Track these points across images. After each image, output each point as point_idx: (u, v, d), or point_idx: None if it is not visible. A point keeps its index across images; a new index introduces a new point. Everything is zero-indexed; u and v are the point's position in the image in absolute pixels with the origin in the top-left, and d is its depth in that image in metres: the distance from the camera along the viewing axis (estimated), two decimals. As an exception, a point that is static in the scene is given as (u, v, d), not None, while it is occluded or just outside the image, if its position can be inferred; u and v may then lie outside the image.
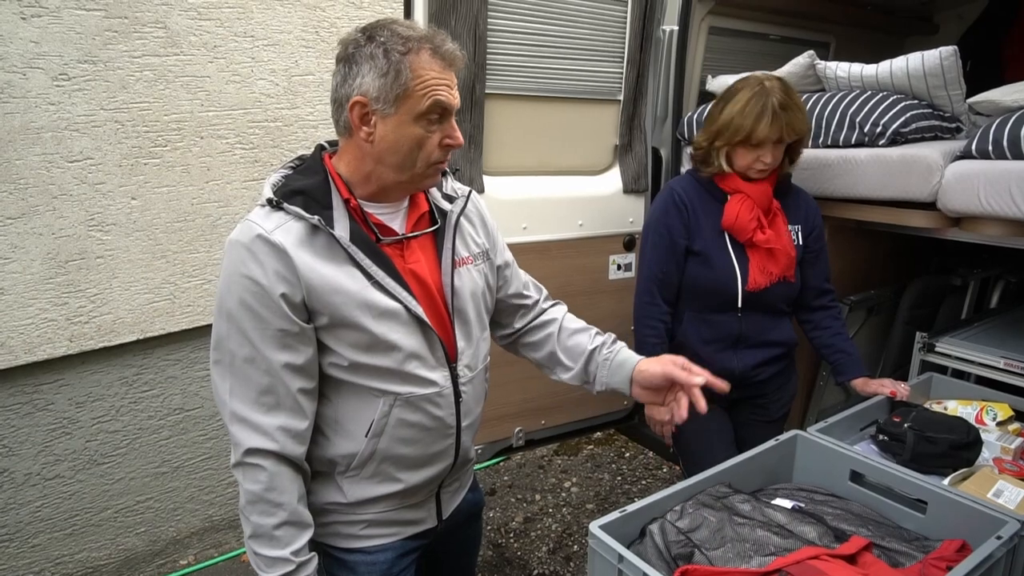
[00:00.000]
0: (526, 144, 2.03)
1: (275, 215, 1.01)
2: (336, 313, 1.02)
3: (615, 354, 1.25)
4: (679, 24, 2.10)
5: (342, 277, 1.02)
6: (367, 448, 1.09)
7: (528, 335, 1.34)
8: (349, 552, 1.17)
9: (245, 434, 1.02)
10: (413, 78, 0.99)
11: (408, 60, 0.98)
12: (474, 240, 1.21)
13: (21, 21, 1.96)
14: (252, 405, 1.02)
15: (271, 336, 1.00)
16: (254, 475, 1.02)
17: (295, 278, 0.99)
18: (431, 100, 1.00)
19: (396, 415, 1.08)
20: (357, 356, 1.05)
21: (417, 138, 1.02)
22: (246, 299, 0.99)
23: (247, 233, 0.99)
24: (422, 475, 1.16)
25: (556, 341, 1.30)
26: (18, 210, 2.05)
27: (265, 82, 2.43)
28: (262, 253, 0.98)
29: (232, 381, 1.02)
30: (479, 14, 1.79)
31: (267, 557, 1.03)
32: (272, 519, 1.02)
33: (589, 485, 3.09)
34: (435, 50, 1.00)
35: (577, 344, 1.28)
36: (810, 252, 1.73)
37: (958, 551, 1.09)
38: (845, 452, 1.34)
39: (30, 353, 2.14)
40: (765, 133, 1.53)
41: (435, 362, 1.11)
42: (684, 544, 1.10)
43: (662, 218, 1.69)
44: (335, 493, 1.13)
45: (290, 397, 1.03)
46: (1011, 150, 1.54)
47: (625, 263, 2.23)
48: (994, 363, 1.82)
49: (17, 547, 2.26)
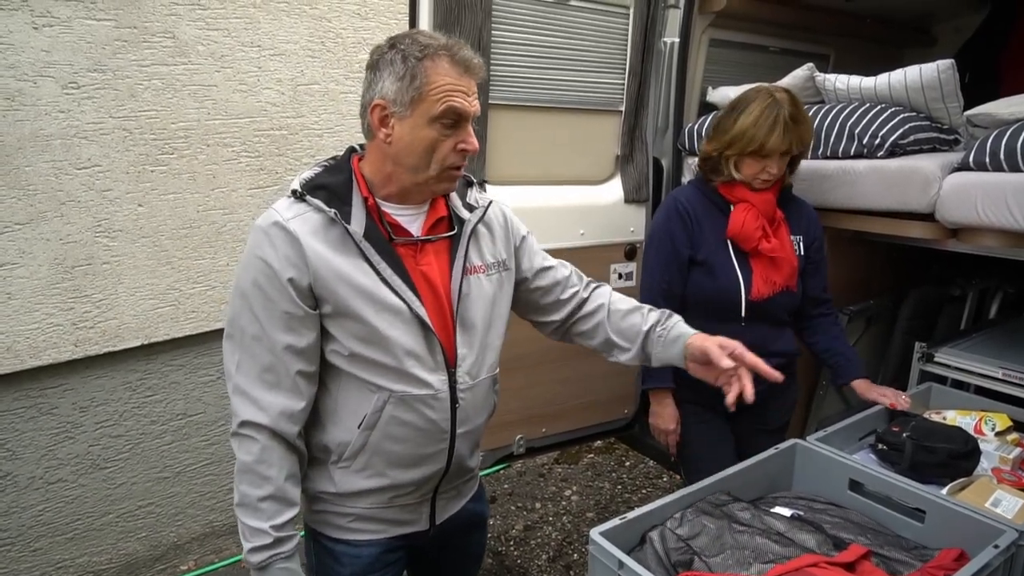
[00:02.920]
0: (528, 154, 2.05)
1: (297, 206, 1.07)
2: (340, 302, 1.06)
3: (668, 330, 1.26)
4: (680, 36, 2.13)
5: (350, 269, 1.06)
6: (359, 440, 1.12)
7: (578, 324, 1.34)
8: (335, 542, 1.20)
9: (243, 406, 1.07)
10: (428, 82, 1.03)
11: (424, 65, 1.03)
12: (490, 250, 1.22)
13: (33, 31, 1.99)
14: (254, 380, 1.07)
15: (277, 317, 1.05)
16: (247, 446, 1.07)
17: (304, 264, 1.04)
18: (445, 105, 1.03)
19: (389, 412, 1.11)
20: (356, 347, 1.08)
21: (431, 141, 1.05)
22: (259, 280, 1.05)
23: (267, 219, 1.06)
24: (411, 475, 1.17)
25: (608, 326, 1.30)
26: (26, 216, 2.07)
27: (271, 91, 2.46)
28: (277, 238, 1.04)
29: (240, 355, 1.08)
30: (483, 26, 1.81)
31: (249, 526, 1.08)
32: (258, 491, 1.07)
33: (589, 493, 3.09)
34: (452, 56, 1.04)
35: (631, 326, 1.29)
36: (811, 262, 1.75)
37: (956, 560, 1.09)
38: (844, 461, 1.35)
39: (35, 357, 2.16)
40: (776, 145, 1.55)
41: (433, 364, 1.13)
42: (684, 551, 1.11)
43: (666, 228, 1.70)
44: (327, 482, 1.17)
45: (289, 378, 1.07)
46: (1008, 162, 1.56)
47: (626, 272, 2.24)
48: (993, 373, 1.83)
49: (19, 551, 2.26)
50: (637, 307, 1.32)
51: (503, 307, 1.25)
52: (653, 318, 1.29)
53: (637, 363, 1.31)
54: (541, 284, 1.31)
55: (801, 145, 1.60)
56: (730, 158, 1.63)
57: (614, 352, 1.32)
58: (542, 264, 1.32)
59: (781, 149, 1.56)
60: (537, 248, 1.33)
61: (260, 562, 1.07)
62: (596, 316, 1.32)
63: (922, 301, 2.32)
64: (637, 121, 2.20)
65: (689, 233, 1.68)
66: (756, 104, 1.58)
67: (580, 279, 1.36)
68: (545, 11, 1.94)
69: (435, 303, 1.13)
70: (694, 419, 1.75)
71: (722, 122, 1.66)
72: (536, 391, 2.09)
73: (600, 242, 2.18)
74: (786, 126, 1.55)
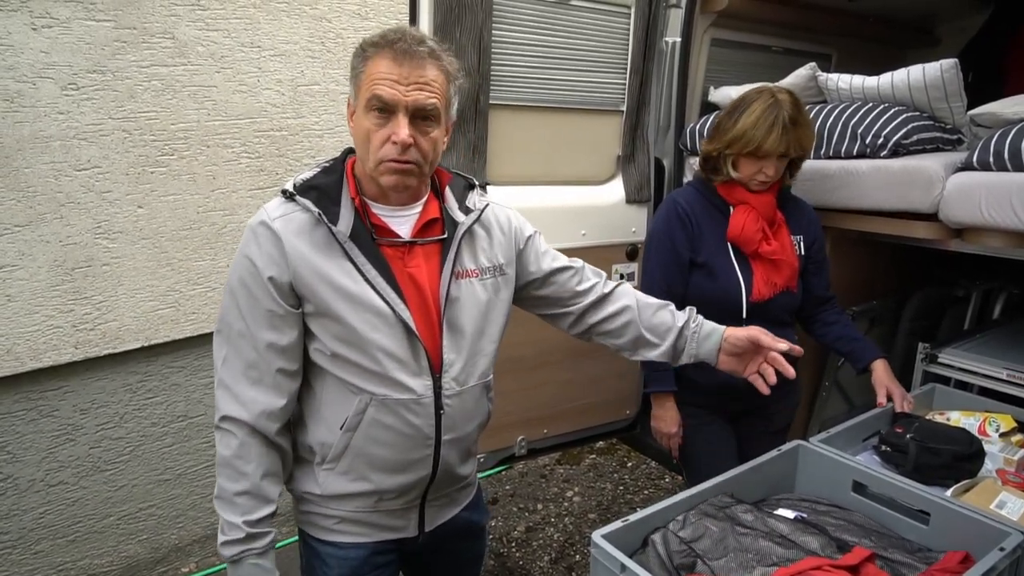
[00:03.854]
0: (530, 154, 2.05)
1: (285, 205, 1.08)
2: (320, 302, 1.07)
3: (701, 326, 1.30)
4: (682, 36, 2.12)
5: (333, 270, 1.06)
6: (341, 441, 1.12)
7: (604, 324, 1.32)
8: (322, 544, 1.20)
9: (225, 401, 1.09)
10: (365, 72, 1.05)
11: (369, 55, 1.05)
12: (485, 254, 1.20)
13: (32, 32, 1.99)
14: (238, 376, 1.09)
15: (260, 315, 1.07)
16: (226, 440, 1.09)
17: (284, 263, 1.05)
18: (371, 92, 1.04)
19: (371, 415, 1.10)
20: (338, 348, 1.08)
21: (365, 130, 1.06)
22: (244, 277, 1.08)
23: (256, 218, 1.09)
24: (396, 480, 1.15)
25: (639, 324, 1.31)
26: (26, 218, 2.07)
27: (271, 92, 2.45)
28: (261, 237, 1.06)
29: (227, 351, 1.10)
30: (483, 26, 1.81)
31: (225, 520, 1.09)
32: (235, 485, 1.08)
33: (591, 495, 3.08)
34: (393, 47, 1.03)
35: (662, 322, 1.31)
36: (812, 262, 1.74)
37: (961, 563, 1.09)
38: (848, 463, 1.34)
39: (36, 360, 2.15)
40: (773, 146, 1.55)
41: (417, 369, 1.11)
42: (686, 554, 1.11)
43: (666, 230, 1.70)
44: (312, 484, 1.17)
45: (271, 375, 1.09)
46: (1012, 162, 1.55)
47: (628, 272, 2.24)
48: (997, 374, 1.82)
49: (20, 553, 2.26)
50: (662, 304, 1.34)
51: (498, 313, 1.22)
52: (683, 315, 1.32)
53: (662, 359, 1.32)
54: (554, 280, 1.30)
55: (800, 149, 1.59)
56: (728, 157, 1.62)
57: (641, 350, 1.32)
58: (552, 264, 1.30)
59: (778, 151, 1.56)
60: (546, 247, 1.32)
61: (231, 556, 1.08)
62: (625, 315, 1.31)
63: (925, 302, 2.31)
64: (639, 121, 2.19)
65: (689, 235, 1.67)
66: (757, 104, 1.57)
67: (598, 275, 1.36)
68: (546, 11, 1.93)
69: (422, 306, 1.11)
70: (696, 422, 1.75)
71: (723, 122, 1.65)
72: (537, 392, 2.08)
73: (601, 242, 2.17)
74: (784, 128, 1.54)
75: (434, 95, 1.05)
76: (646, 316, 1.31)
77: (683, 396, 1.73)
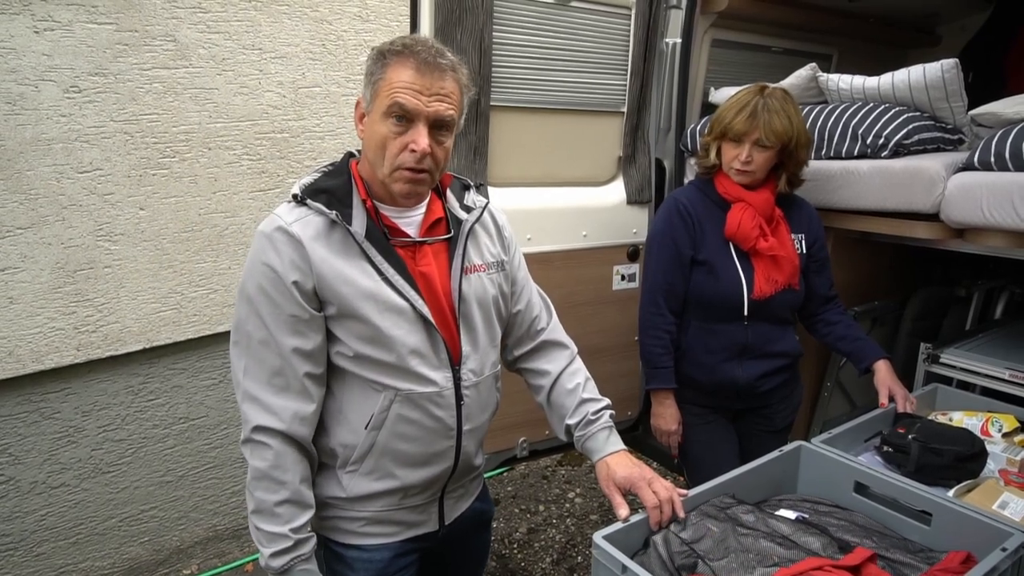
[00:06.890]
0: (530, 155, 2.05)
1: (298, 210, 1.08)
2: (344, 304, 1.07)
3: (585, 438, 1.27)
4: (682, 37, 2.12)
5: (353, 271, 1.07)
6: (366, 441, 1.12)
7: (525, 373, 1.37)
8: (347, 548, 1.20)
9: (254, 412, 1.07)
10: (384, 78, 1.05)
11: (388, 62, 1.05)
12: (489, 250, 1.23)
13: (34, 35, 1.99)
14: (264, 386, 1.08)
15: (284, 321, 1.06)
16: (261, 452, 1.07)
17: (308, 267, 1.05)
18: (391, 100, 1.04)
19: (396, 411, 1.11)
20: (361, 348, 1.09)
21: (382, 137, 1.06)
22: (264, 285, 1.06)
23: (270, 225, 1.07)
24: (421, 475, 1.17)
25: (546, 396, 1.33)
26: (28, 220, 2.07)
27: (272, 94, 2.46)
28: (280, 243, 1.05)
29: (247, 361, 1.08)
30: (484, 27, 1.81)
31: (267, 532, 1.07)
32: (275, 496, 1.07)
33: (593, 496, 3.08)
34: (416, 56, 1.04)
35: (562, 406, 1.31)
36: (814, 261, 1.74)
37: (963, 563, 1.08)
38: (849, 463, 1.34)
39: (37, 362, 2.16)
40: (740, 127, 1.56)
41: (438, 362, 1.13)
42: (687, 555, 1.10)
43: (666, 229, 1.70)
44: (335, 487, 1.17)
45: (298, 380, 1.08)
46: (1013, 162, 1.55)
47: (629, 273, 2.24)
48: (999, 374, 1.82)
49: (22, 556, 2.26)
50: (574, 389, 1.30)
51: (502, 306, 1.26)
52: (579, 415, 1.27)
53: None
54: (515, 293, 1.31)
55: (773, 136, 1.55)
56: (712, 143, 1.66)
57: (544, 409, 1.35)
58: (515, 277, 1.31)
59: (747, 134, 1.56)
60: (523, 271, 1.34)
61: (282, 566, 1.07)
62: (542, 379, 1.33)
63: (927, 302, 2.31)
64: (639, 122, 2.19)
65: (691, 233, 1.67)
66: (743, 92, 1.62)
67: (549, 316, 1.37)
68: (546, 12, 1.94)
69: (435, 303, 1.14)
70: (697, 420, 1.75)
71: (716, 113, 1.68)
72: (539, 393, 2.08)
73: (602, 244, 2.17)
74: (754, 112, 1.55)
75: (452, 107, 1.07)
76: (554, 395, 1.32)
77: (683, 394, 1.73)
